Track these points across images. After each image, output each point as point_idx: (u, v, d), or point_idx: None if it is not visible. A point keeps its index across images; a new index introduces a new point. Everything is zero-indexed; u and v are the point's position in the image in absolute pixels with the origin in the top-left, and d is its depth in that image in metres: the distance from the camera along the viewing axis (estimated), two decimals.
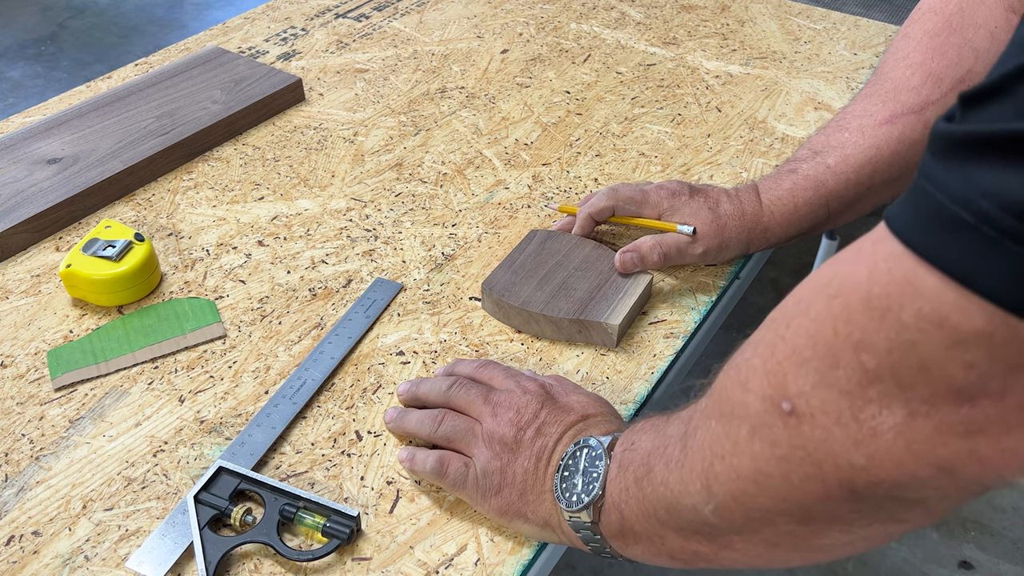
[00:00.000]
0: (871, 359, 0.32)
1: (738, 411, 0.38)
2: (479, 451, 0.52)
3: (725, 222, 0.67)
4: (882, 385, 0.32)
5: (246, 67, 0.95)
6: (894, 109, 0.63)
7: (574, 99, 0.95)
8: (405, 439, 0.58)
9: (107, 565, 0.51)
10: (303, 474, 0.56)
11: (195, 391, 0.62)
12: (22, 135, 0.84)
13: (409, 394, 0.59)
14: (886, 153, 0.64)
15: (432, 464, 0.53)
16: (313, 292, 0.70)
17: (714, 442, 0.40)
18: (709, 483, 0.40)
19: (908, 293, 0.30)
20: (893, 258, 0.31)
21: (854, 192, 0.66)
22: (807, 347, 0.34)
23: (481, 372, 0.58)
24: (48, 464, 0.57)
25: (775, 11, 1.13)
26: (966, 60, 0.61)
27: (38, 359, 0.64)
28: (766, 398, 0.36)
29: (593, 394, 0.56)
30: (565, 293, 0.66)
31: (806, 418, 0.34)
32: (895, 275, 0.31)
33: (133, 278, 0.67)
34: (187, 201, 0.80)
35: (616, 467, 0.47)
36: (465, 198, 0.81)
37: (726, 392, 0.39)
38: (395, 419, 0.58)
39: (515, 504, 0.51)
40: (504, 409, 0.53)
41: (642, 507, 0.45)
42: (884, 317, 0.31)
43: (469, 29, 1.09)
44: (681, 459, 0.42)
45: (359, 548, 0.52)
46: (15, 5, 3.19)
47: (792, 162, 0.68)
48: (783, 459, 0.36)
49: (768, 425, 0.36)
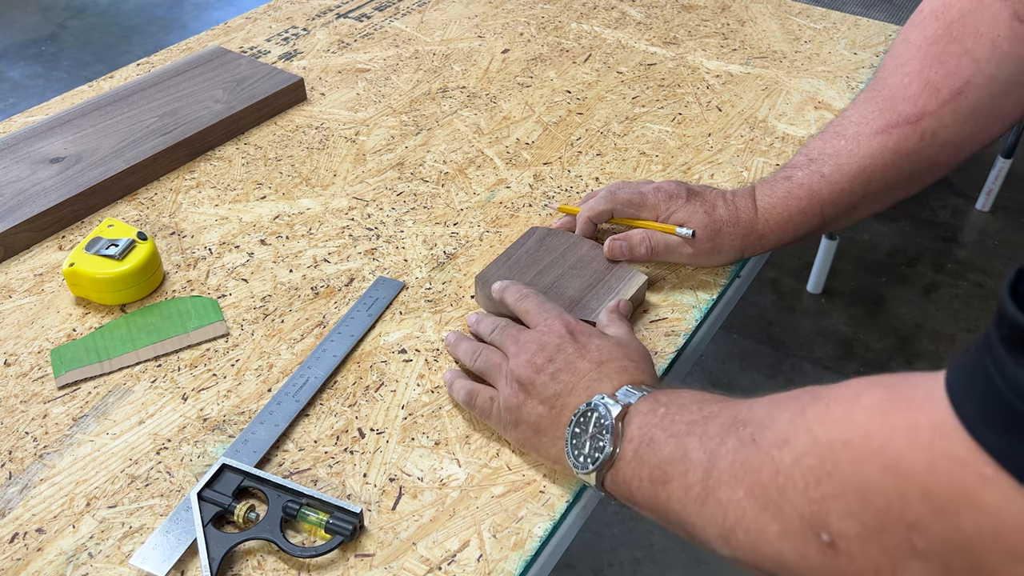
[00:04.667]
0: (922, 541, 0.31)
1: (771, 508, 0.37)
2: (502, 387, 0.56)
3: (720, 227, 0.67)
4: (929, 563, 0.31)
5: (248, 67, 0.95)
6: (890, 119, 0.63)
7: (575, 98, 0.96)
8: (457, 362, 0.64)
9: (111, 562, 0.51)
10: (306, 471, 0.56)
11: (198, 389, 0.62)
12: (25, 134, 0.84)
13: (473, 327, 0.64)
14: (880, 163, 0.64)
15: (463, 395, 0.59)
16: (315, 291, 0.70)
17: (740, 513, 0.39)
18: (728, 540, 0.40)
19: (968, 503, 0.29)
20: (956, 462, 0.30)
21: (848, 201, 0.66)
22: (856, 501, 0.33)
23: (519, 304, 0.62)
24: (52, 462, 0.57)
25: (775, 11, 1.14)
26: (965, 70, 0.61)
27: (41, 358, 0.65)
28: (804, 519, 0.35)
29: (624, 335, 0.58)
30: (557, 291, 0.67)
31: (843, 555, 0.34)
32: (955, 482, 0.30)
33: (136, 277, 0.68)
34: (189, 200, 0.80)
35: (632, 452, 0.48)
36: (467, 197, 0.81)
37: (759, 477, 0.38)
38: (452, 343, 0.63)
39: (531, 439, 0.55)
40: (524, 349, 0.56)
41: (654, 504, 0.46)
42: (941, 517, 0.30)
43: (470, 29, 1.10)
44: (701, 498, 0.42)
45: (362, 545, 0.52)
46: (15, 5, 3.19)
47: (788, 168, 0.69)
48: (811, 569, 0.36)
49: (802, 540, 0.36)
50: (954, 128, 0.62)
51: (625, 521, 1.46)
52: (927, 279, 1.94)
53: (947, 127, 0.62)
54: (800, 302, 1.90)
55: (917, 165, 0.64)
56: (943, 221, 2.10)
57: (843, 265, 1.96)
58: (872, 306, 1.88)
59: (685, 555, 1.41)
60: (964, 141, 0.63)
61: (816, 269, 1.88)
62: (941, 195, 2.16)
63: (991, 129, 0.63)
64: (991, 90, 0.61)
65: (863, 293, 1.91)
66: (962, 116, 0.61)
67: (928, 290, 1.91)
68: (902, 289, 1.92)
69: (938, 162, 0.65)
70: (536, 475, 0.56)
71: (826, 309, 1.87)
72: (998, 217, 2.11)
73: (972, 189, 2.14)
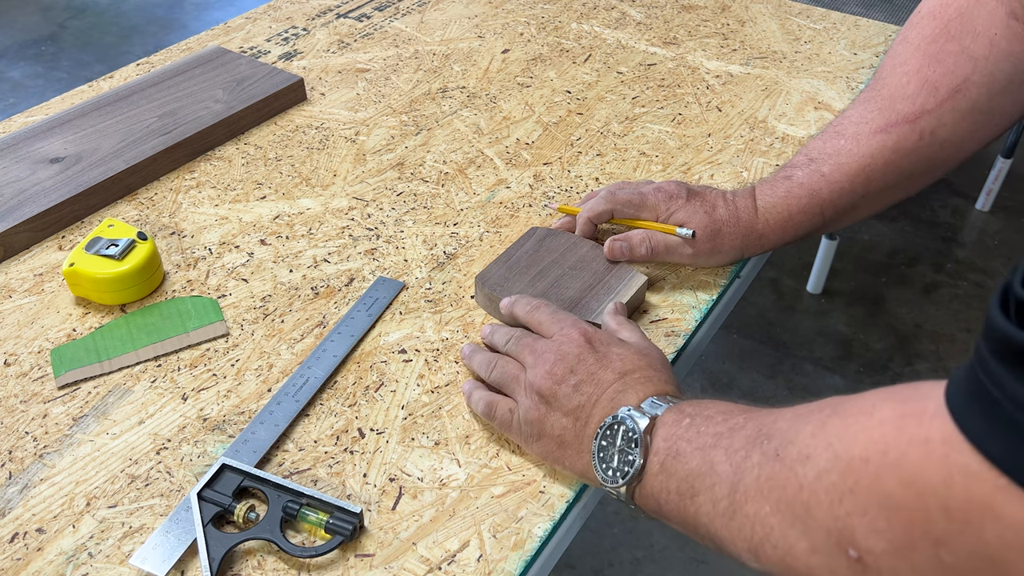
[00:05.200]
0: (950, 557, 0.31)
1: (799, 525, 0.37)
2: (521, 399, 0.56)
3: (720, 228, 0.67)
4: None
5: (248, 67, 0.95)
6: (889, 118, 0.63)
7: (575, 99, 0.96)
8: (473, 373, 0.63)
9: (111, 562, 0.51)
10: (306, 471, 0.56)
11: (198, 389, 0.62)
12: (25, 134, 0.84)
13: (487, 338, 0.63)
14: (880, 162, 0.64)
15: (482, 407, 0.58)
16: (315, 291, 0.70)
17: (767, 529, 0.39)
18: (757, 555, 0.40)
19: (989, 517, 0.29)
20: (971, 477, 0.30)
21: (848, 200, 0.66)
22: (880, 519, 0.33)
23: (531, 316, 0.61)
24: (52, 462, 0.57)
25: (775, 11, 1.14)
26: (963, 68, 0.61)
27: (41, 357, 0.65)
28: (832, 535, 0.36)
29: (640, 341, 0.58)
30: (556, 291, 0.67)
31: (872, 571, 0.34)
32: (973, 496, 0.30)
33: (136, 277, 0.68)
34: (189, 200, 0.80)
35: (659, 464, 0.48)
36: (467, 197, 0.81)
37: (784, 493, 0.39)
38: (467, 355, 0.62)
39: (554, 452, 0.54)
40: (543, 361, 0.55)
41: (682, 516, 0.46)
42: (965, 530, 0.30)
43: (470, 29, 1.10)
44: (729, 512, 0.42)
45: (362, 545, 0.52)
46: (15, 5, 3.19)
47: (788, 168, 0.69)
48: None
49: (831, 556, 0.36)
50: (953, 126, 0.62)
51: (625, 521, 1.46)
52: (927, 279, 1.94)
53: (946, 125, 0.62)
54: (800, 302, 1.90)
55: (916, 164, 0.64)
56: (943, 221, 2.10)
57: (843, 265, 1.96)
58: (872, 306, 1.88)
59: (685, 555, 1.41)
60: (963, 140, 0.63)
61: (816, 269, 1.88)
62: (941, 195, 2.16)
63: (990, 128, 0.63)
64: (989, 88, 0.61)
65: (863, 293, 1.91)
66: (961, 114, 0.61)
67: (928, 290, 1.91)
68: (902, 289, 1.92)
69: (937, 161, 0.65)
70: (536, 475, 0.56)
71: (826, 309, 1.88)
72: (998, 217, 2.11)
73: (972, 189, 2.14)
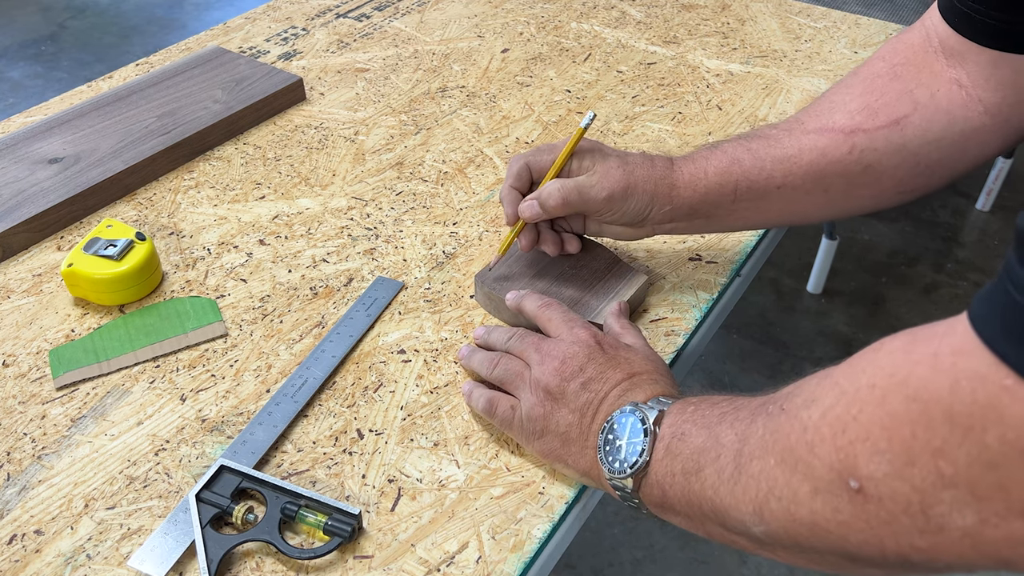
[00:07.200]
0: (949, 467, 0.32)
1: (801, 467, 0.38)
2: (525, 396, 0.56)
3: (632, 169, 0.64)
4: (957, 491, 0.32)
5: (247, 67, 0.95)
6: (824, 123, 0.63)
7: (575, 98, 0.95)
8: (472, 375, 0.63)
9: (109, 564, 0.51)
10: (304, 472, 0.56)
11: (196, 390, 0.62)
12: (23, 135, 0.84)
13: (482, 339, 0.63)
14: (805, 159, 0.63)
15: (483, 404, 0.58)
16: (314, 291, 0.70)
17: (772, 482, 0.40)
18: (762, 513, 0.40)
19: (992, 418, 0.30)
20: (977, 379, 0.31)
21: (764, 184, 0.64)
22: (882, 439, 0.34)
23: (541, 313, 0.61)
24: (50, 463, 0.57)
25: (775, 10, 1.14)
26: (904, 106, 0.61)
27: (40, 358, 0.65)
28: (833, 469, 0.36)
29: (644, 347, 0.58)
30: (556, 290, 0.66)
31: (873, 499, 0.35)
32: (978, 398, 0.30)
33: (134, 277, 0.67)
34: (188, 200, 0.80)
35: (664, 449, 0.48)
36: (466, 196, 0.81)
37: (788, 441, 0.39)
38: (465, 356, 0.62)
39: (557, 450, 0.54)
40: (551, 358, 0.55)
41: (687, 497, 0.46)
42: (966, 435, 0.31)
43: (470, 28, 1.10)
44: (734, 477, 0.43)
45: (361, 546, 0.52)
46: (15, 5, 3.19)
47: (718, 142, 0.67)
48: (844, 524, 0.36)
49: (833, 494, 0.36)
50: (881, 154, 0.61)
51: (625, 521, 1.45)
52: (927, 279, 1.94)
53: (876, 151, 0.61)
54: (800, 302, 1.90)
55: (836, 178, 0.62)
56: (943, 221, 2.10)
57: (843, 265, 1.96)
58: (872, 306, 1.88)
59: (685, 555, 1.41)
60: (884, 174, 0.62)
61: (816, 269, 1.88)
62: (941, 195, 2.16)
63: (911, 176, 0.62)
64: (924, 135, 0.61)
65: (863, 293, 1.91)
66: (892, 147, 0.61)
67: (928, 290, 1.91)
68: (902, 289, 1.92)
69: (855, 184, 0.63)
70: (535, 476, 0.56)
71: (826, 309, 1.87)
72: (998, 217, 2.11)
73: (972, 189, 2.14)
